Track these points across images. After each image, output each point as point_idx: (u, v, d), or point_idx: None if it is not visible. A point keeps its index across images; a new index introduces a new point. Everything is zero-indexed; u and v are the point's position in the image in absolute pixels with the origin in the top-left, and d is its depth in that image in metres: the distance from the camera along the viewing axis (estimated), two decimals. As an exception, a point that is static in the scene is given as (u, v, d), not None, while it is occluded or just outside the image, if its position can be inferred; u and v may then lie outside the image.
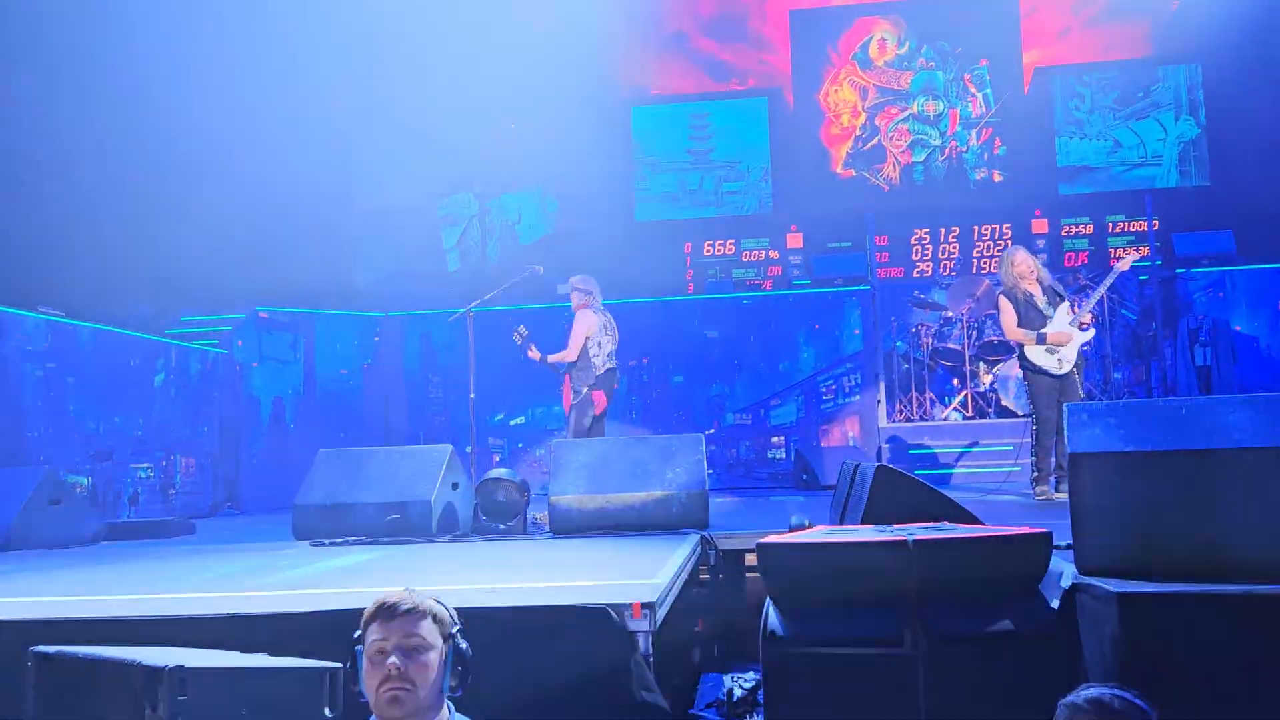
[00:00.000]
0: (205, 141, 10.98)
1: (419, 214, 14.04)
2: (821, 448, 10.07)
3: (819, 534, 3.49)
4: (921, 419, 9.92)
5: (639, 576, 3.62)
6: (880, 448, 9.64)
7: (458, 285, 12.98)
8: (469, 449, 9.78)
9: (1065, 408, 3.45)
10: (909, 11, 13.80)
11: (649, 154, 14.20)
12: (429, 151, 14.10)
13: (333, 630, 2.93)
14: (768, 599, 3.25)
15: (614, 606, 3.14)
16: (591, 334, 7.06)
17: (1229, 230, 10.01)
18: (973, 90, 13.61)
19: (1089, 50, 13.54)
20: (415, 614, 2.31)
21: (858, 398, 10.16)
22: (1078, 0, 13.46)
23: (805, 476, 9.65)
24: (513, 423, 10.54)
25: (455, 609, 2.49)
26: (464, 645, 2.38)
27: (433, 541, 5.56)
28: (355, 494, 5.83)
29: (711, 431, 10.40)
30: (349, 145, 13.28)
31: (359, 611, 2.37)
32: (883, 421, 9.92)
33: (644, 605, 3.15)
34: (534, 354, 7.26)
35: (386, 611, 2.31)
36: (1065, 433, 3.39)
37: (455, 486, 5.95)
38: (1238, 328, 9.45)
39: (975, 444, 9.25)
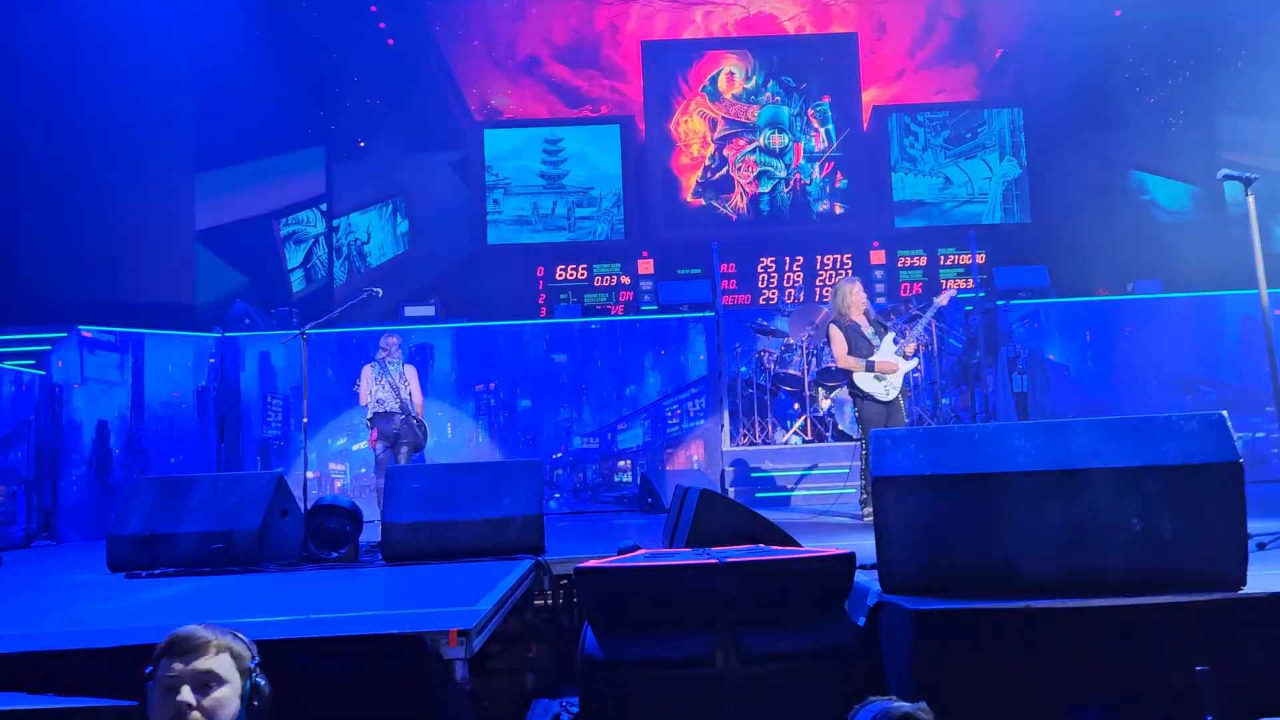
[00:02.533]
0: (20, 147, 10.42)
1: (262, 232, 13.62)
2: (666, 471, 10.21)
3: (638, 558, 3.57)
4: (764, 443, 10.19)
5: (461, 603, 3.61)
6: (723, 471, 9.85)
7: (302, 306, 12.65)
8: (309, 474, 9.51)
9: (870, 434, 3.62)
10: (756, 47, 14.27)
11: (502, 177, 14.19)
12: (274, 167, 13.74)
13: (137, 667, 2.82)
14: (585, 622, 3.29)
15: (429, 634, 3.13)
16: (367, 383, 8.43)
17: (1044, 265, 10.72)
18: (816, 125, 14.16)
19: (922, 92, 14.30)
20: (209, 648, 2.25)
21: (703, 422, 10.36)
22: (912, 44, 14.22)
23: (650, 500, 9.77)
24: (355, 447, 10.30)
25: (264, 640, 2.44)
26: (262, 681, 2.32)
27: (259, 572, 5.39)
28: (176, 523, 5.59)
29: (559, 455, 10.41)
30: (188, 159, 12.80)
31: (164, 647, 2.29)
32: (726, 445, 10.14)
33: (460, 633, 3.14)
34: None
35: (178, 646, 2.25)
36: (869, 457, 3.56)
37: (284, 514, 5.78)
38: (1051, 357, 10.10)
39: (815, 467, 9.56)
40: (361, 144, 14.08)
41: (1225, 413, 3.35)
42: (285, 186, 13.86)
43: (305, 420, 6.92)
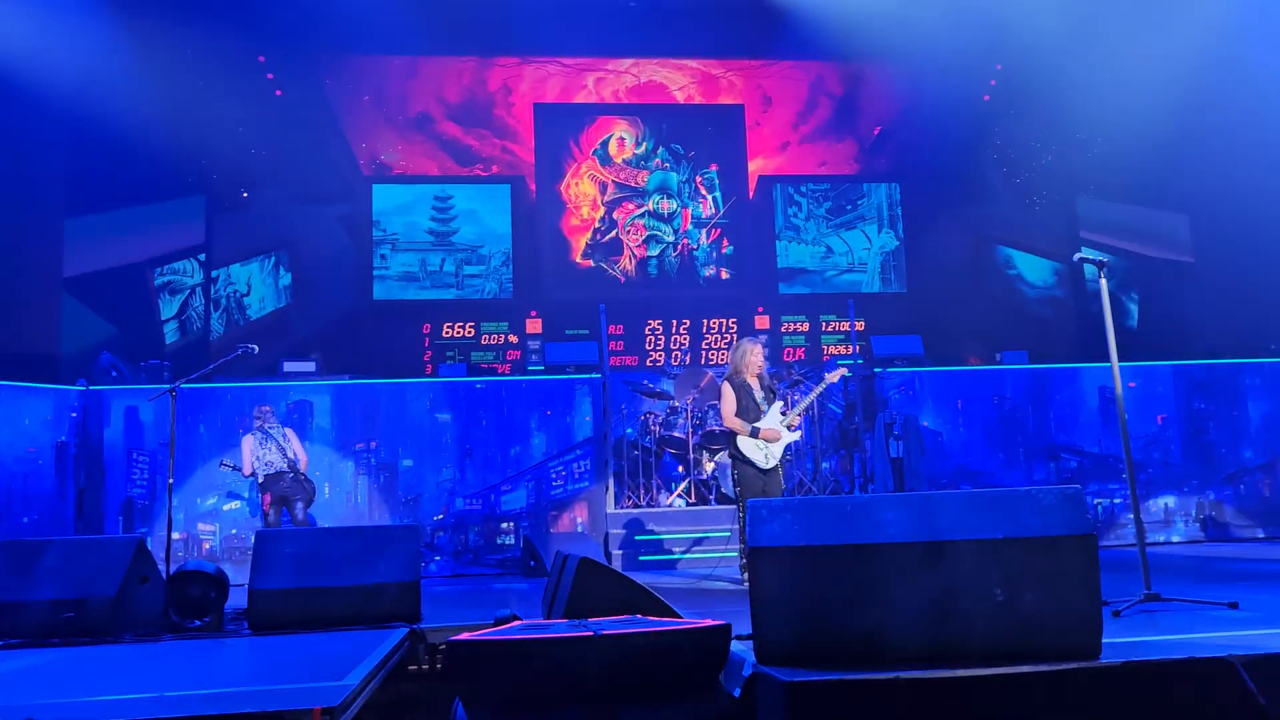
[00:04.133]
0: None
1: (135, 281, 13.11)
2: (550, 533, 10.09)
3: (513, 630, 3.50)
4: (649, 505, 10.19)
5: (327, 678, 3.47)
6: (608, 534, 9.80)
7: (176, 359, 12.19)
8: (175, 536, 9.07)
9: (746, 503, 3.66)
10: (647, 114, 14.57)
11: (390, 232, 14.05)
12: (150, 214, 13.29)
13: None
14: (455, 698, 3.21)
15: (291, 713, 2.99)
16: (250, 452, 8.68)
17: (919, 335, 11.12)
18: (703, 192, 14.48)
19: (805, 164, 14.80)
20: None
21: (588, 484, 10.31)
22: (796, 118, 14.73)
23: (533, 563, 9.63)
24: (227, 508, 9.90)
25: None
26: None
27: (113, 643, 5.09)
28: (23, 590, 5.26)
29: (441, 516, 10.20)
30: (57, 203, 12.29)
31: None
32: (611, 507, 10.10)
33: (324, 711, 3.02)
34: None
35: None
36: (746, 527, 3.59)
37: (144, 580, 5.49)
38: (925, 423, 10.44)
39: (701, 530, 9.60)
40: (245, 194, 13.75)
41: (1079, 486, 3.50)
42: (162, 235, 13.41)
43: (171, 480, 6.61)
